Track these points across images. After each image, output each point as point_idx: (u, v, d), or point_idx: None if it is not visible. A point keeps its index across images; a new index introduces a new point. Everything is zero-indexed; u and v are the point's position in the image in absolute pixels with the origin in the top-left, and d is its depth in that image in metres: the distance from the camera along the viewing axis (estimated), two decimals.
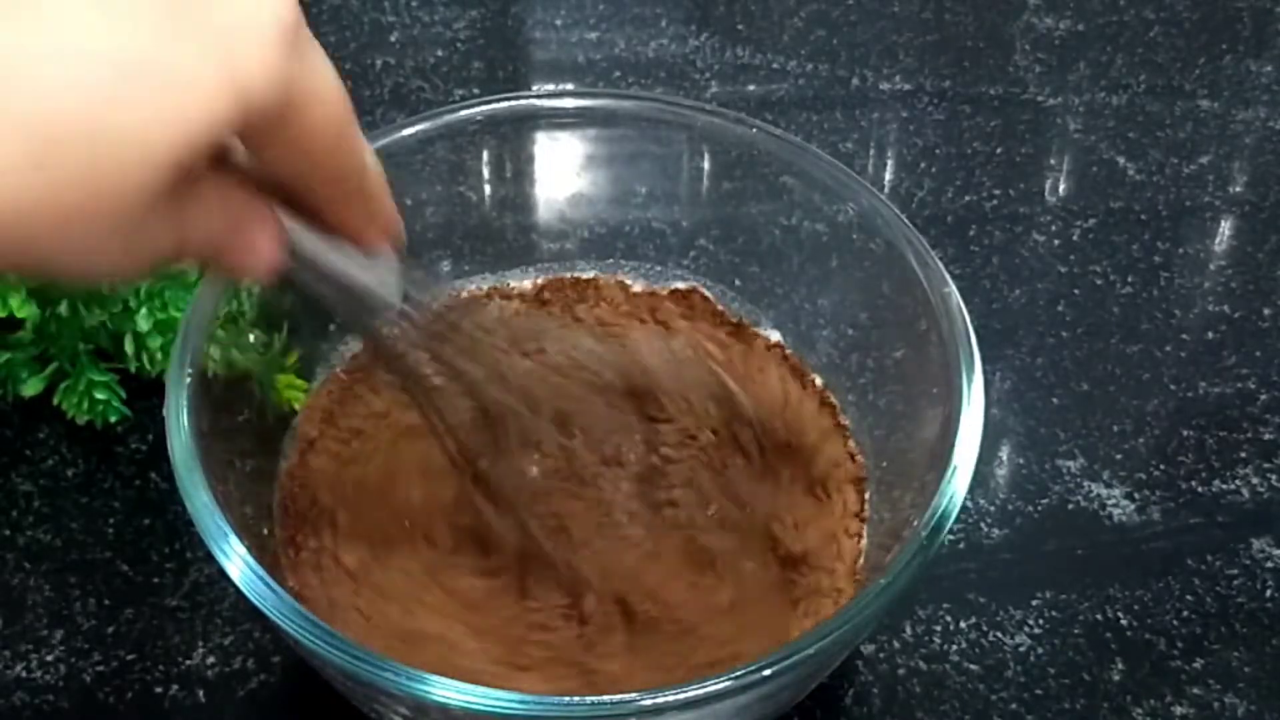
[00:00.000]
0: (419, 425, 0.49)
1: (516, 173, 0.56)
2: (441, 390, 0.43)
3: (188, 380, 0.42)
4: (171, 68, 0.27)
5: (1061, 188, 0.67)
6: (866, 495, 0.48)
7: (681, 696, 0.35)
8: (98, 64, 0.27)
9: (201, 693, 0.46)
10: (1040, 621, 0.49)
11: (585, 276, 0.55)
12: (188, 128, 0.28)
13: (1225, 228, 0.66)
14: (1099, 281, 0.62)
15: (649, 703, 0.35)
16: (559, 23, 0.77)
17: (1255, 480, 0.54)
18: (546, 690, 0.42)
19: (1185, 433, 0.56)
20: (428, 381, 0.43)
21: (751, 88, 0.72)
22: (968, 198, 0.66)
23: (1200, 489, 0.54)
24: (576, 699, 0.35)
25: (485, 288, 0.54)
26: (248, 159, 0.34)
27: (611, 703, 0.35)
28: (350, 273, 0.38)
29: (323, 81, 0.31)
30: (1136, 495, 0.53)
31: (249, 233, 0.34)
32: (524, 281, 0.55)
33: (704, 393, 0.49)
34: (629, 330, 0.53)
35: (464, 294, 0.53)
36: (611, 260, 0.55)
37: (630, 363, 0.49)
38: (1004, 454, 0.55)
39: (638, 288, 0.55)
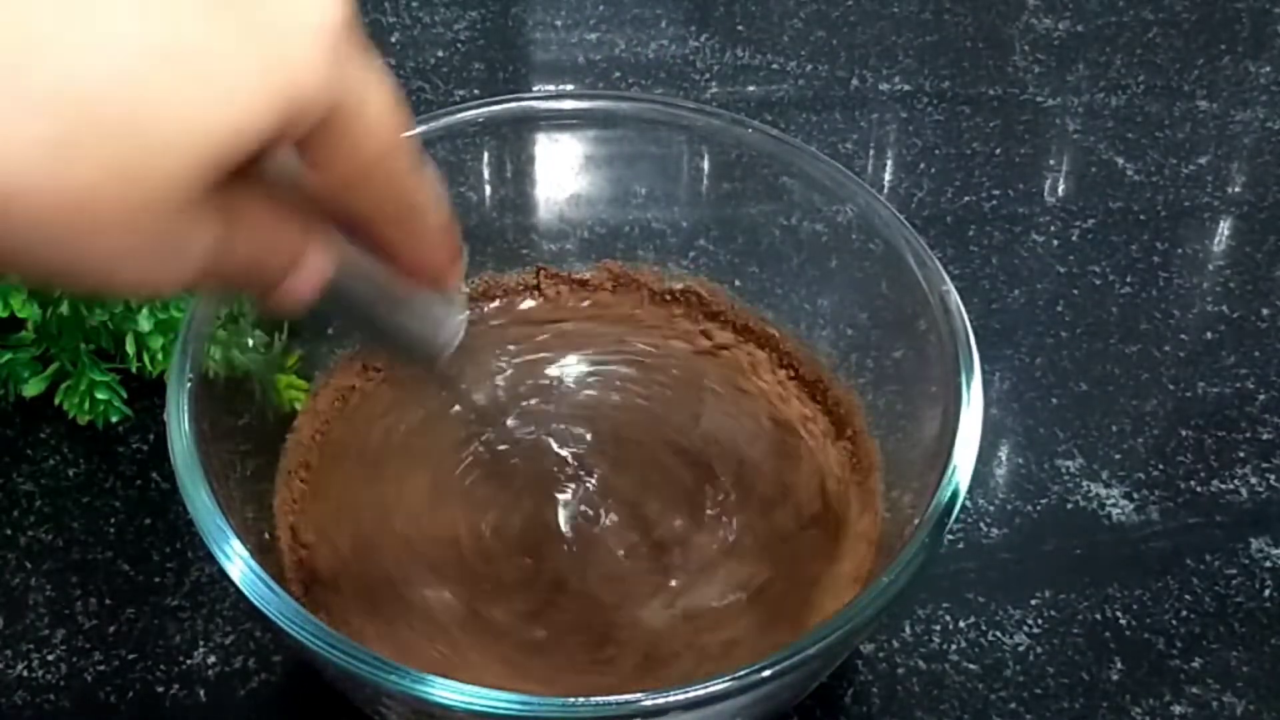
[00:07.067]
0: (418, 425, 0.49)
1: (516, 173, 0.56)
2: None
3: (189, 381, 0.42)
4: (213, 61, 0.26)
5: (1060, 188, 0.67)
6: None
7: (682, 697, 0.35)
8: (133, 49, 0.25)
9: (202, 692, 0.46)
10: (1039, 621, 0.49)
11: (585, 276, 0.55)
12: (227, 124, 0.26)
13: (1224, 228, 0.66)
14: (1098, 282, 0.62)
15: (650, 703, 0.35)
16: (559, 24, 0.77)
17: (1254, 480, 0.54)
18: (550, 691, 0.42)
19: (1184, 433, 0.56)
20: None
21: (751, 89, 0.73)
22: (967, 198, 0.66)
23: (1199, 489, 0.54)
24: (578, 699, 0.35)
25: (485, 288, 0.55)
26: (304, 177, 0.31)
27: (613, 703, 0.35)
28: (402, 312, 0.35)
29: (374, 90, 0.30)
30: (1135, 495, 0.54)
31: (292, 257, 0.31)
32: (524, 282, 0.55)
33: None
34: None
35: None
36: (611, 261, 0.55)
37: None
38: (1003, 454, 0.55)
39: (636, 288, 0.55)
